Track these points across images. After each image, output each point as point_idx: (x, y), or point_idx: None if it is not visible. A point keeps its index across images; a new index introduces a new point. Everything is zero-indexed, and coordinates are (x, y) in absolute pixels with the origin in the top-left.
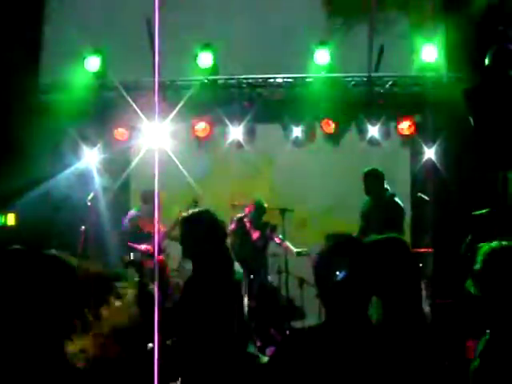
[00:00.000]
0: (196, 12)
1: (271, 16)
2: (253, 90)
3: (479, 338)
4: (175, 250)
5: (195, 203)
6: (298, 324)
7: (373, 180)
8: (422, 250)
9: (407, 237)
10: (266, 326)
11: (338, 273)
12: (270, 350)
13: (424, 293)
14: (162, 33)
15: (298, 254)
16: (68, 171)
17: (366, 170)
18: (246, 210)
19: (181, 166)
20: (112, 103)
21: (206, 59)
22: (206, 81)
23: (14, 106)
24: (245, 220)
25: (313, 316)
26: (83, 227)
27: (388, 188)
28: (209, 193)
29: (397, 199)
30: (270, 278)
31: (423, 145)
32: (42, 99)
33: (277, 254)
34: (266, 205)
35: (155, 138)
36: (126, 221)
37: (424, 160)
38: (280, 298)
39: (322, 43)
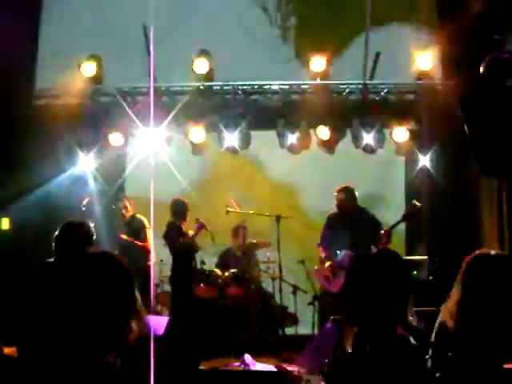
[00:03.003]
0: (192, 18)
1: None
2: (248, 97)
3: None
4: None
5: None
6: (290, 330)
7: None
8: (417, 257)
9: (401, 244)
10: (259, 332)
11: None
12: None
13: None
14: (158, 39)
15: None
16: (63, 176)
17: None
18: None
19: (176, 172)
20: (107, 109)
21: (201, 65)
22: (201, 87)
23: (9, 112)
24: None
25: (305, 323)
26: None
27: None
28: (203, 199)
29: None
30: (263, 284)
31: (418, 152)
32: (37, 104)
33: (271, 261)
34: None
35: (150, 143)
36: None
37: (419, 167)
38: (273, 304)
39: (317, 50)
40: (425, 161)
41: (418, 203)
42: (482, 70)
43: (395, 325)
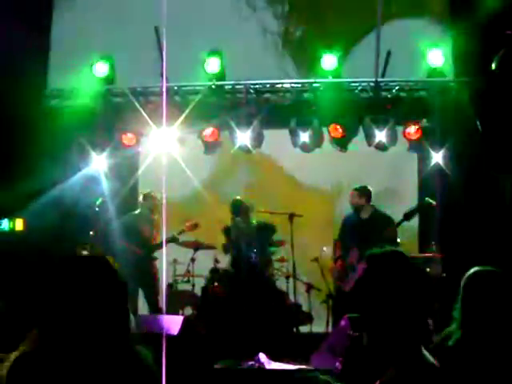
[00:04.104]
0: (203, 18)
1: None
2: (260, 96)
3: None
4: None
5: None
6: (305, 329)
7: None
8: (430, 254)
9: (415, 242)
10: (273, 330)
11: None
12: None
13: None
14: (170, 38)
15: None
16: (76, 176)
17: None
18: None
19: (188, 171)
20: (120, 109)
21: (213, 65)
22: (213, 86)
23: (22, 112)
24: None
25: (320, 321)
26: (92, 232)
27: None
28: (216, 198)
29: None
30: (277, 282)
31: (430, 149)
32: (50, 105)
33: (285, 259)
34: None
35: (163, 143)
36: None
37: (431, 165)
38: (288, 302)
39: (329, 48)
40: (437, 158)
41: (431, 201)
42: (494, 66)
43: (417, 342)
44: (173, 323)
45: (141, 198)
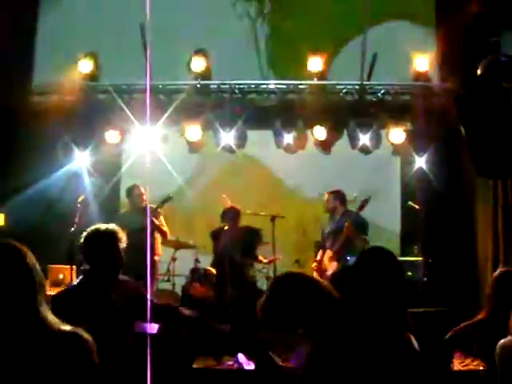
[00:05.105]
0: (189, 17)
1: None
2: (245, 96)
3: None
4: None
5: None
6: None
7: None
8: (412, 258)
9: (397, 245)
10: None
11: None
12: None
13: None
14: (155, 37)
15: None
16: (59, 173)
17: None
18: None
19: (172, 170)
20: (104, 106)
21: (198, 64)
22: (198, 85)
23: (6, 108)
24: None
25: None
26: (72, 229)
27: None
28: (199, 197)
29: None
30: (258, 283)
31: (414, 153)
32: (34, 101)
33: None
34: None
35: (146, 141)
36: None
37: (415, 169)
38: None
39: (315, 50)
40: (421, 162)
41: (414, 204)
42: (479, 71)
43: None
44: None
45: (126, 193)
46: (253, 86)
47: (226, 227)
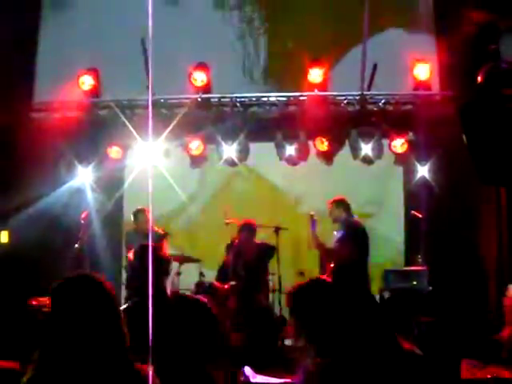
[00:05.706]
0: (190, 31)
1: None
2: (246, 109)
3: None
4: None
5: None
6: (290, 342)
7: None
8: (416, 267)
9: (401, 255)
10: (258, 343)
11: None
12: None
13: None
14: (156, 52)
15: None
16: (62, 189)
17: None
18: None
19: (174, 184)
20: (106, 122)
21: (199, 78)
22: (199, 99)
23: (8, 125)
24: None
25: None
26: (76, 245)
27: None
28: (202, 211)
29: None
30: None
31: (416, 163)
32: (35, 118)
33: (270, 273)
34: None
35: (149, 156)
36: None
37: (417, 178)
38: (273, 315)
39: (316, 61)
40: (423, 171)
41: (417, 214)
42: (480, 79)
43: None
44: None
45: (132, 217)
46: (254, 99)
47: (235, 242)
